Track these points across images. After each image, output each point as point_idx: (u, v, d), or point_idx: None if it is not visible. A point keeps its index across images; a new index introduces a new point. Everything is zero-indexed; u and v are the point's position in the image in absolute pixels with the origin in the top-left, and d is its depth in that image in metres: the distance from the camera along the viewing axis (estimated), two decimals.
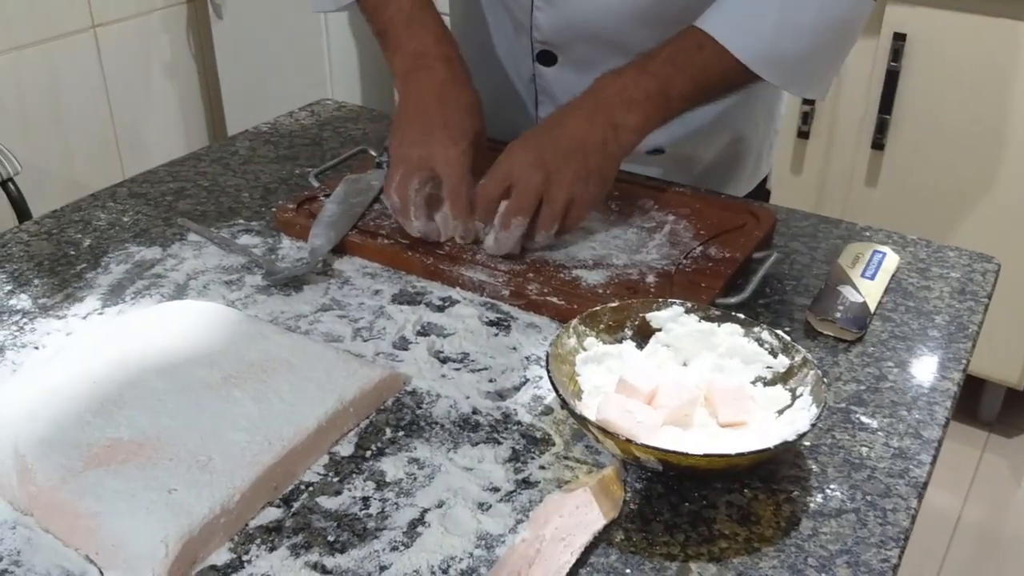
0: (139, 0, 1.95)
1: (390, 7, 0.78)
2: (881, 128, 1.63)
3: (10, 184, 1.27)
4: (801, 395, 0.56)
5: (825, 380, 0.55)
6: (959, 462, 1.74)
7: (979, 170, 1.61)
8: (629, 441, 0.51)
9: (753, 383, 0.58)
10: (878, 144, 1.65)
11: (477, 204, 0.73)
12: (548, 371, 0.55)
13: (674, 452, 0.50)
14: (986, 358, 1.70)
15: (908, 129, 1.63)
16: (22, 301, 0.69)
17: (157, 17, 2.01)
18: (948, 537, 1.61)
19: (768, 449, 0.50)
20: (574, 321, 0.60)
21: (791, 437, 0.51)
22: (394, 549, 0.49)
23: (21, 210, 1.27)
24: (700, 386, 0.57)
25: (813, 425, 0.52)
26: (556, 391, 0.54)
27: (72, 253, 0.75)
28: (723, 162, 0.95)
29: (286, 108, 1.04)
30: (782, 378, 0.58)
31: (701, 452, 0.51)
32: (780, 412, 0.56)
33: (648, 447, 0.50)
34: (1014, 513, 1.70)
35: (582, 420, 0.53)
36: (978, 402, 1.83)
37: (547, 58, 0.87)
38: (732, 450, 0.51)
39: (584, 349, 0.60)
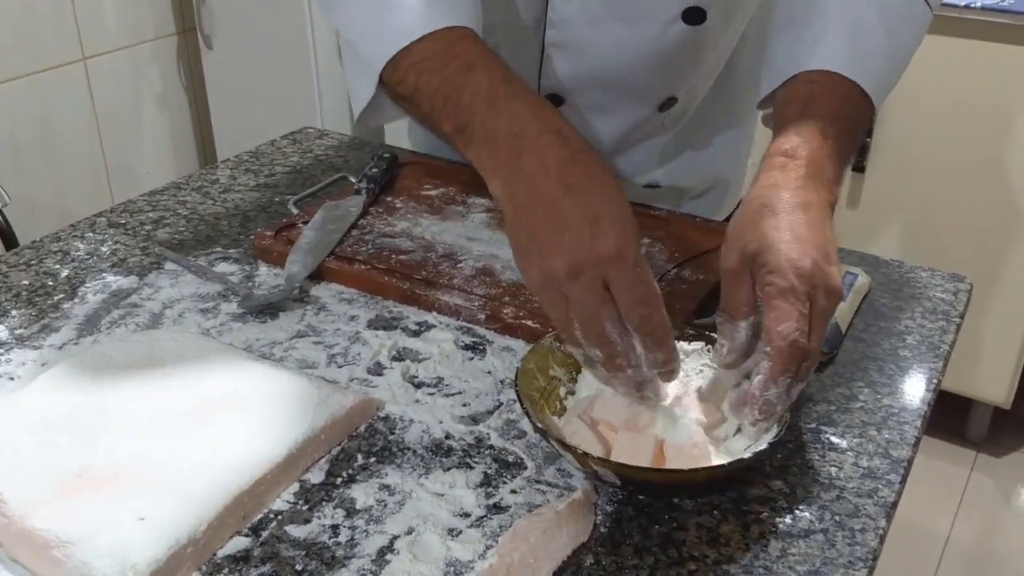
0: (129, 32, 1.97)
1: (464, 94, 0.58)
2: (861, 151, 1.65)
3: None
4: None
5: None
6: (948, 482, 1.74)
7: (959, 193, 1.63)
8: (586, 454, 0.51)
9: (721, 402, 0.59)
10: (859, 167, 1.66)
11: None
12: (516, 387, 0.56)
13: (629, 466, 0.51)
14: (973, 378, 1.71)
15: (888, 153, 1.65)
16: None
17: (147, 48, 2.03)
18: (937, 557, 1.60)
19: (722, 466, 0.51)
20: (548, 337, 0.61)
21: (747, 455, 0.52)
22: None
23: (9, 241, 1.28)
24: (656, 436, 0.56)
25: (771, 444, 0.52)
26: (522, 405, 0.55)
27: (50, 283, 0.76)
28: (711, 191, 0.96)
29: (276, 137, 1.05)
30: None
31: (656, 467, 0.51)
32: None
33: (604, 460, 0.51)
34: (1003, 532, 1.69)
35: (543, 433, 0.53)
36: (966, 422, 1.84)
37: (554, 100, 0.84)
38: (686, 466, 0.51)
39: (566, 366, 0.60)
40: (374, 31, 0.63)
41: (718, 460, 0.54)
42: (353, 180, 0.90)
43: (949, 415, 1.79)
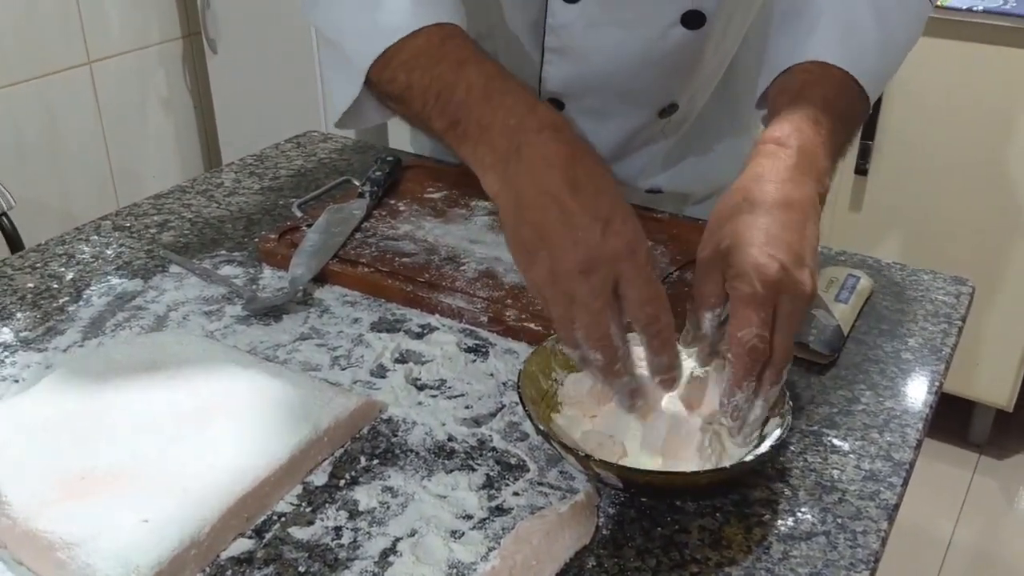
0: (135, 36, 1.98)
1: (457, 90, 0.57)
2: (864, 154, 1.65)
3: (4, 219, 1.28)
4: (771, 417, 0.56)
5: (790, 403, 0.55)
6: (950, 485, 1.74)
7: (962, 195, 1.62)
8: (588, 457, 0.51)
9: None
10: (861, 170, 1.66)
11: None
12: (519, 389, 0.56)
13: (631, 469, 0.51)
14: (976, 381, 1.71)
15: (891, 155, 1.65)
16: (3, 335, 0.69)
17: (153, 52, 2.04)
18: (940, 560, 1.60)
19: (724, 469, 0.51)
20: (550, 340, 0.61)
21: (748, 458, 0.52)
22: None
23: (15, 244, 1.28)
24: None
25: (774, 447, 0.52)
26: (524, 408, 0.55)
27: (55, 286, 0.76)
28: (714, 197, 0.96)
29: (281, 141, 1.05)
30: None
31: (657, 470, 0.52)
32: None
33: (606, 463, 0.51)
34: (1006, 535, 1.69)
35: (545, 436, 0.53)
36: (968, 424, 1.83)
37: (554, 105, 0.84)
38: (689, 468, 0.52)
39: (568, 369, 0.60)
40: (360, 29, 0.62)
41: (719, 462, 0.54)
42: (357, 183, 0.90)
43: (952, 417, 1.79)
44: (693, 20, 0.76)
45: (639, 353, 0.55)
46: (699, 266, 0.57)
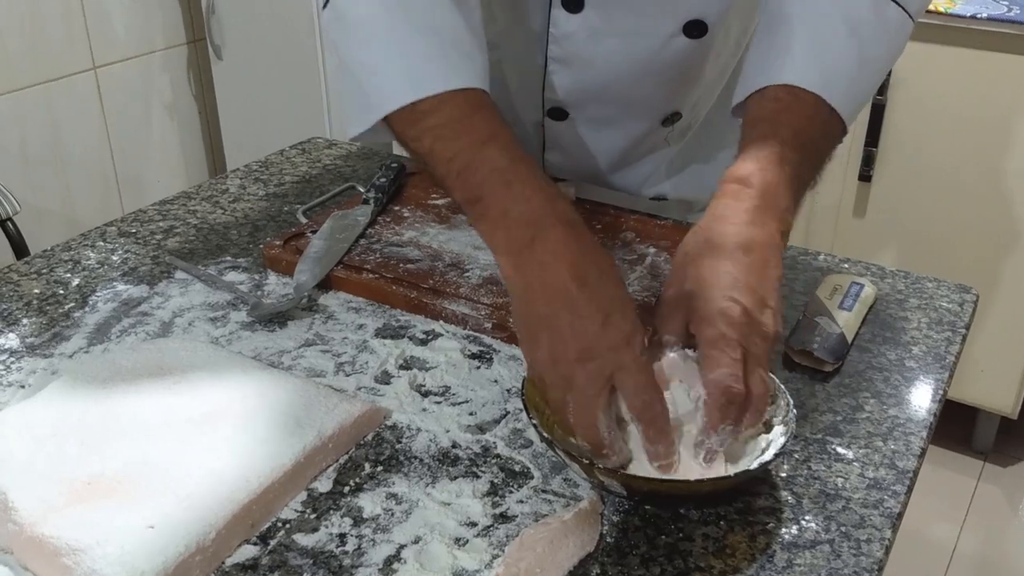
0: (140, 41, 1.99)
1: (479, 170, 0.59)
2: (868, 161, 1.65)
3: (9, 224, 1.28)
4: (775, 425, 0.56)
5: (794, 411, 0.55)
6: (954, 492, 1.73)
7: (966, 202, 1.62)
8: (592, 464, 0.51)
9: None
10: (865, 176, 1.66)
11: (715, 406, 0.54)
12: (523, 396, 0.56)
13: (635, 476, 0.51)
14: (980, 388, 1.71)
15: (894, 161, 1.65)
16: (10, 340, 0.70)
17: (158, 58, 2.04)
18: (944, 567, 1.60)
19: (728, 477, 0.51)
20: None
21: (752, 466, 0.52)
22: None
23: (20, 249, 1.29)
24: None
25: (777, 455, 0.52)
26: (528, 415, 0.55)
27: (61, 292, 0.76)
28: None
29: (285, 147, 1.06)
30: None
31: (661, 477, 0.52)
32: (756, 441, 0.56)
33: (610, 471, 0.51)
34: (1010, 542, 1.68)
35: (549, 443, 0.53)
36: (972, 432, 1.83)
37: (558, 114, 0.85)
38: (692, 476, 0.52)
39: None
40: (387, 73, 0.63)
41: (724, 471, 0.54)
42: (361, 190, 0.91)
43: (956, 425, 1.79)
44: (695, 29, 0.76)
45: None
46: (664, 304, 0.58)
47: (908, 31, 0.69)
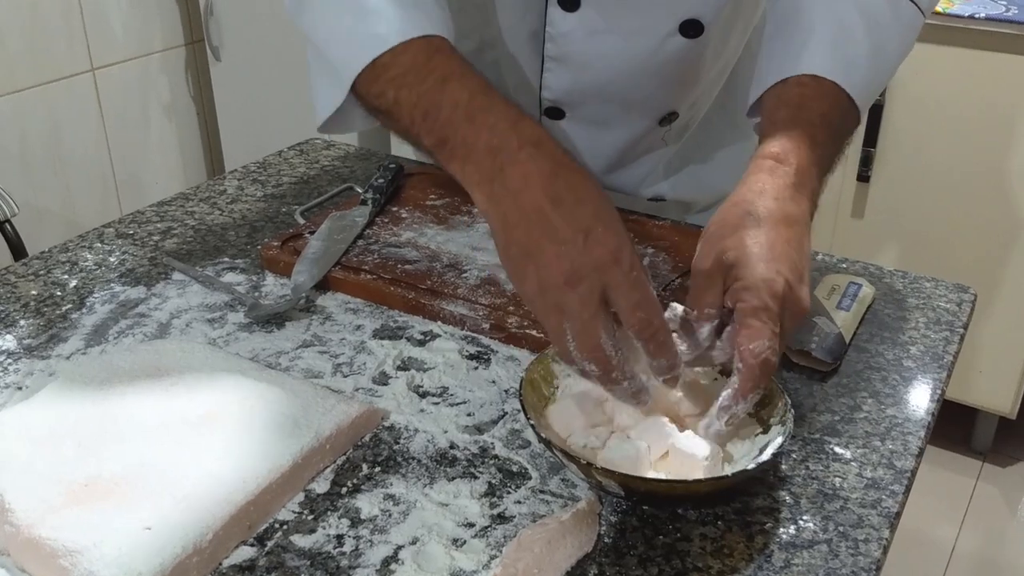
0: (138, 43, 1.99)
1: (442, 108, 0.58)
2: (866, 161, 1.65)
3: (7, 225, 1.28)
4: (773, 425, 0.56)
5: (792, 411, 0.55)
6: (953, 492, 1.74)
7: (964, 202, 1.62)
8: (590, 465, 0.51)
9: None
10: (863, 177, 1.67)
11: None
12: (520, 397, 0.56)
13: (632, 476, 0.51)
14: (978, 388, 1.71)
15: (893, 162, 1.65)
16: (7, 342, 0.70)
17: (156, 60, 2.05)
18: (943, 567, 1.60)
19: (725, 477, 0.51)
20: (552, 347, 0.61)
21: (750, 466, 0.52)
22: None
23: (18, 251, 1.29)
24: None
25: (775, 455, 0.52)
26: (526, 416, 0.55)
27: (58, 294, 0.76)
28: (717, 205, 0.96)
29: (283, 148, 1.06)
30: (755, 407, 0.58)
31: (659, 478, 0.52)
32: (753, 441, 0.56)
33: (608, 471, 0.51)
34: (1009, 542, 1.68)
35: (547, 444, 0.53)
36: (971, 432, 1.83)
37: (555, 113, 0.85)
38: (690, 476, 0.52)
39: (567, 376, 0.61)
40: (347, 38, 0.62)
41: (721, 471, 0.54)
42: (359, 190, 0.91)
43: (954, 425, 1.79)
44: (691, 29, 0.76)
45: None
46: (699, 276, 0.57)
47: (919, 26, 0.70)
